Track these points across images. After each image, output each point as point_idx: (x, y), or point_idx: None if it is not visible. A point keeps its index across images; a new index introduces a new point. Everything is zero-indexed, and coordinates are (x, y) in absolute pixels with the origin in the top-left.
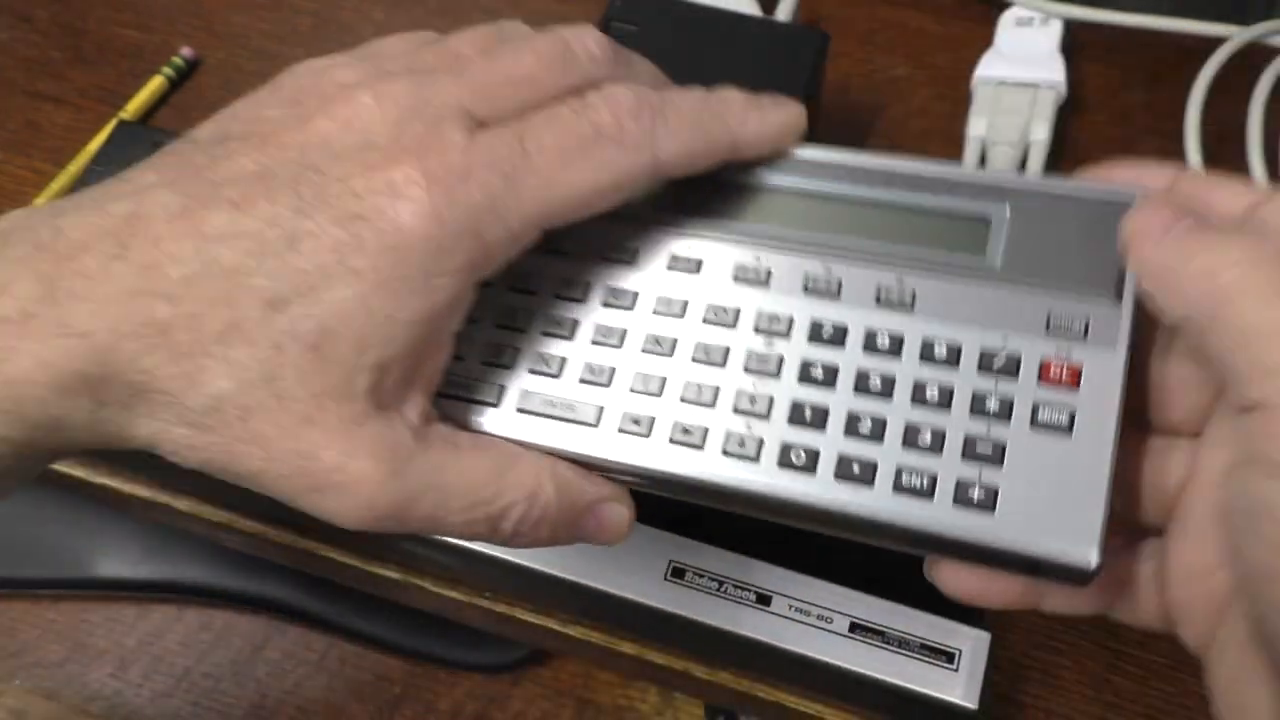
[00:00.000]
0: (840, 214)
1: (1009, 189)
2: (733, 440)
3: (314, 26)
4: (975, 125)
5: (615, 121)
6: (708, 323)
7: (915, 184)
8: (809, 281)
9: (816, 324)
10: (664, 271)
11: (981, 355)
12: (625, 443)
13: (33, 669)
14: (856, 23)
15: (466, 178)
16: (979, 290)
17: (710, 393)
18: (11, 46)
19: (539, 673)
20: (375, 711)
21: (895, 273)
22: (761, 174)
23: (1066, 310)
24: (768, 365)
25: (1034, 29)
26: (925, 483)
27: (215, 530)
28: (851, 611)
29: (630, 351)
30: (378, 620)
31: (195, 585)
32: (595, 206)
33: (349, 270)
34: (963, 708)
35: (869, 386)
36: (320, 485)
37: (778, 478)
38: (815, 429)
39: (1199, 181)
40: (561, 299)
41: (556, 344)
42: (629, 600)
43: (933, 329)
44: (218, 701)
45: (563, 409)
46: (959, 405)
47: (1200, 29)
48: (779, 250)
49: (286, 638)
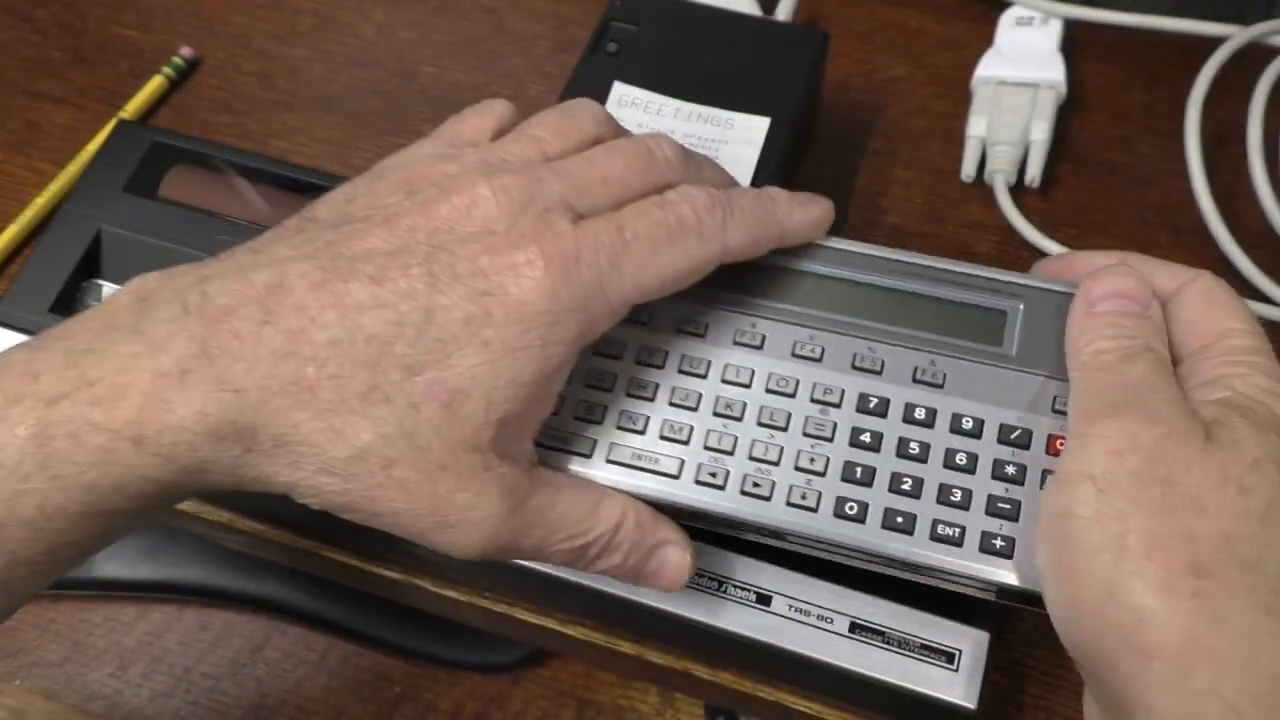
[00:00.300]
0: (881, 302)
1: (1022, 287)
2: (795, 493)
3: (314, 26)
4: (975, 125)
5: (695, 216)
6: (770, 392)
7: (943, 278)
8: (856, 360)
9: (864, 396)
10: (731, 345)
11: (1000, 429)
12: (702, 492)
13: (33, 669)
14: (856, 22)
15: (578, 260)
16: (998, 374)
17: (775, 452)
18: (11, 46)
19: (539, 673)
20: (375, 711)
21: (929, 356)
22: (813, 264)
23: (1068, 394)
24: (824, 430)
25: (1034, 29)
26: (957, 533)
27: (215, 530)
28: (851, 611)
29: (704, 414)
30: (378, 620)
31: (195, 585)
32: (677, 286)
33: (480, 340)
34: (962, 708)
35: (909, 452)
36: (453, 522)
37: (834, 525)
38: (865, 486)
39: (1143, 264)
40: (643, 364)
41: (640, 404)
42: (629, 600)
43: (960, 405)
44: (217, 701)
45: (648, 461)
46: (982, 469)
47: (1200, 29)
48: (830, 331)
49: (286, 638)
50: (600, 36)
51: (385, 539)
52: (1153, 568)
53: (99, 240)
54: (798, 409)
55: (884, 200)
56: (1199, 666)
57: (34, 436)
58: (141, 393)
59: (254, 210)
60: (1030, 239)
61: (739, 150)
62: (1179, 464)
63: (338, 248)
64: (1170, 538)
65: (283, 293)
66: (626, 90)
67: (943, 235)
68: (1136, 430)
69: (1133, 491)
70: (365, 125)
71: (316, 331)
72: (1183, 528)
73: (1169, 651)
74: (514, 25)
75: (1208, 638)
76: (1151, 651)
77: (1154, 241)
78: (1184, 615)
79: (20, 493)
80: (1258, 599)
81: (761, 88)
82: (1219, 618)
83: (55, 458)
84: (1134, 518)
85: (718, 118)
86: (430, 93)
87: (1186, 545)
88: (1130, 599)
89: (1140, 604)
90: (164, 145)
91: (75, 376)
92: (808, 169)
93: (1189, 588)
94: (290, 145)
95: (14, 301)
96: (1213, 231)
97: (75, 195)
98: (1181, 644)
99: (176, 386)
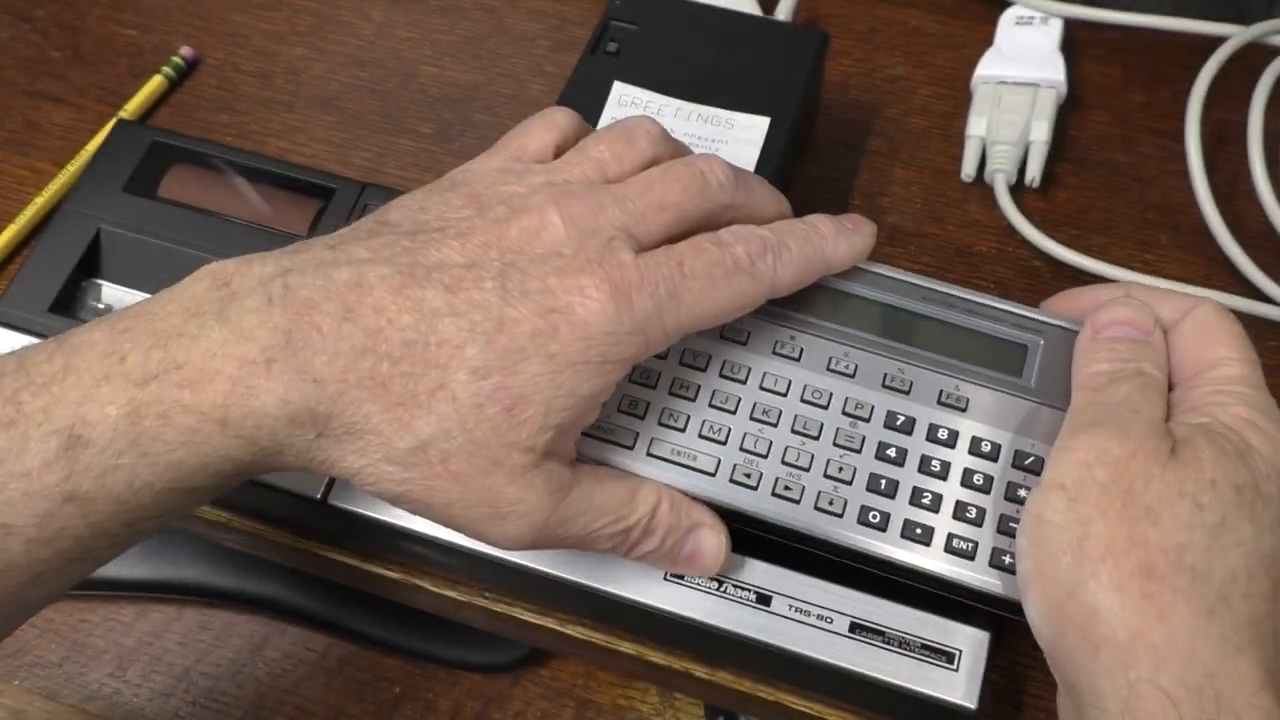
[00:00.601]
0: (914, 327)
1: (1044, 324)
2: (823, 499)
3: (314, 26)
4: (975, 125)
5: (748, 259)
6: (805, 402)
7: (972, 309)
8: (887, 379)
9: (892, 414)
10: (770, 355)
11: (1016, 454)
12: (736, 491)
13: (32, 669)
14: (856, 22)
15: (640, 290)
16: (1017, 403)
17: (807, 458)
18: (11, 46)
19: (539, 673)
20: (375, 711)
21: (955, 380)
22: (852, 285)
23: None
24: (853, 443)
25: (1034, 28)
26: (970, 547)
27: (215, 530)
28: (851, 611)
29: (742, 417)
30: (378, 620)
31: (195, 585)
32: (728, 319)
33: (546, 353)
34: (962, 707)
35: (930, 469)
36: (504, 514)
37: (858, 532)
38: (888, 497)
39: (1148, 295)
40: (686, 366)
41: (682, 403)
42: (629, 600)
43: (981, 429)
44: (217, 701)
45: (687, 458)
46: (997, 490)
47: (1200, 29)
48: (864, 350)
49: (286, 638)
50: (600, 36)
51: (386, 539)
52: (1107, 569)
53: (98, 240)
54: (830, 420)
55: (884, 200)
56: (1141, 658)
57: (126, 415)
58: (229, 378)
59: (253, 210)
60: (1030, 239)
61: (739, 150)
62: (1140, 478)
63: (415, 255)
64: (1125, 543)
65: (363, 292)
66: (626, 90)
67: (943, 235)
68: (1107, 445)
69: (1098, 500)
70: (365, 125)
71: (393, 332)
72: (1138, 535)
73: (1116, 643)
74: (514, 25)
75: (1151, 633)
76: (1101, 642)
77: (1154, 241)
78: (1132, 612)
79: (111, 468)
80: (1202, 603)
81: (761, 88)
82: (1163, 616)
83: (145, 436)
84: (1095, 524)
85: (718, 118)
86: (430, 92)
87: (1140, 550)
88: (1086, 596)
89: (1094, 600)
90: (164, 145)
91: (164, 359)
92: (808, 169)
93: (1139, 588)
94: (290, 145)
95: (13, 301)
96: (1213, 231)
97: (75, 195)
98: (1128, 637)
99: (262, 374)
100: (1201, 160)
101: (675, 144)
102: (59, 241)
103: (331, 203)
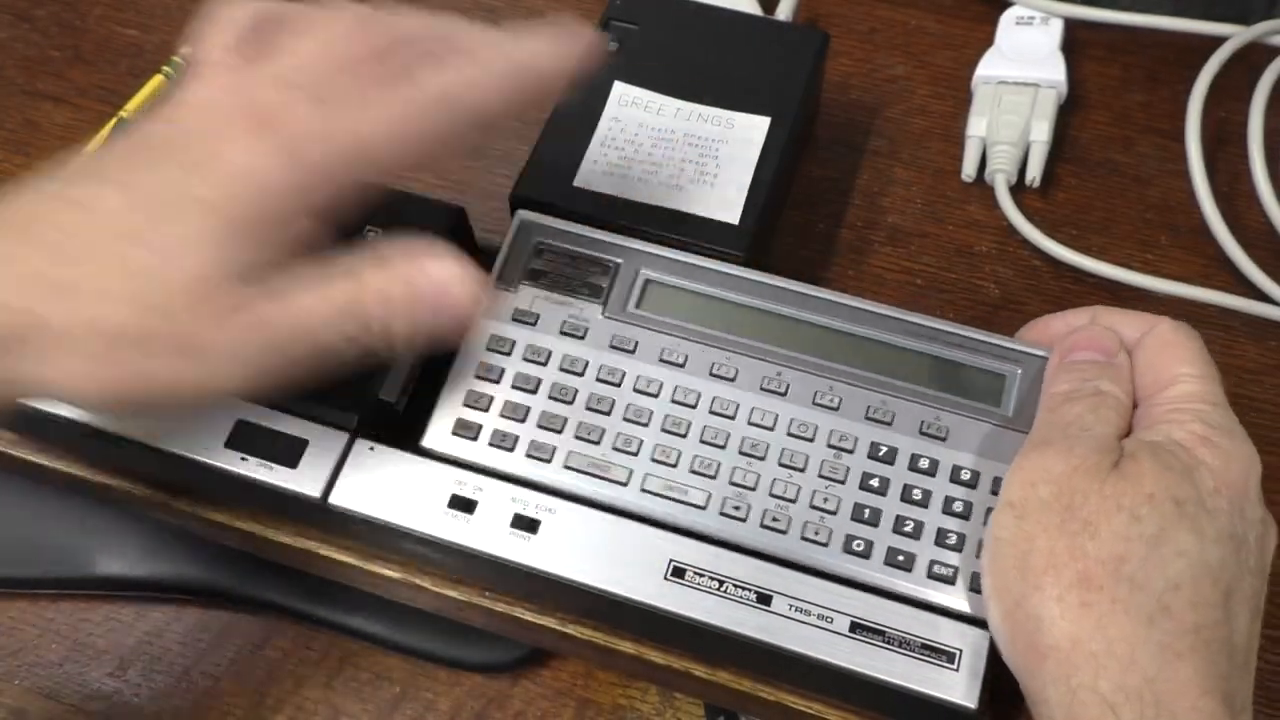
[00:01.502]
0: (895, 360)
1: (1021, 354)
2: (810, 529)
3: None
4: (975, 125)
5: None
6: (792, 435)
7: (952, 341)
8: (870, 411)
9: (875, 445)
10: (758, 391)
11: (994, 481)
12: (726, 523)
13: (33, 669)
14: (856, 22)
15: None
16: (996, 432)
17: (794, 490)
18: (11, 46)
19: (539, 673)
20: (375, 711)
21: (935, 411)
22: (834, 320)
23: None
24: (838, 474)
25: (1034, 28)
26: (950, 572)
27: (215, 530)
28: (852, 611)
29: (731, 452)
30: (378, 620)
31: (195, 585)
32: (408, 141)
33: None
34: (963, 707)
35: (912, 497)
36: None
37: (843, 560)
38: (872, 526)
39: (1109, 315)
40: (678, 404)
41: (674, 440)
42: (629, 600)
43: (960, 458)
44: (217, 701)
45: (678, 492)
46: (976, 516)
47: (1200, 29)
48: (847, 383)
49: (286, 638)
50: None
51: (386, 539)
52: (1049, 580)
53: None
54: (815, 452)
55: (884, 200)
56: (1081, 665)
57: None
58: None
59: None
60: (1030, 239)
61: (739, 150)
62: (1080, 493)
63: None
64: (1065, 555)
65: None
66: (627, 90)
67: (943, 235)
68: (1051, 462)
69: (1040, 516)
70: None
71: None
72: (1077, 547)
73: (1059, 652)
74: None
75: (1090, 641)
76: (1046, 651)
77: (1154, 241)
78: (1071, 621)
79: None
80: (1141, 611)
81: (761, 87)
82: (1102, 625)
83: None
84: (1039, 539)
85: (718, 117)
86: None
87: (1079, 563)
88: (1031, 607)
89: (1038, 611)
90: None
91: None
92: (808, 169)
93: (1078, 598)
94: None
95: None
96: (1213, 231)
97: None
98: (1069, 645)
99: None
100: (1201, 160)
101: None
102: None
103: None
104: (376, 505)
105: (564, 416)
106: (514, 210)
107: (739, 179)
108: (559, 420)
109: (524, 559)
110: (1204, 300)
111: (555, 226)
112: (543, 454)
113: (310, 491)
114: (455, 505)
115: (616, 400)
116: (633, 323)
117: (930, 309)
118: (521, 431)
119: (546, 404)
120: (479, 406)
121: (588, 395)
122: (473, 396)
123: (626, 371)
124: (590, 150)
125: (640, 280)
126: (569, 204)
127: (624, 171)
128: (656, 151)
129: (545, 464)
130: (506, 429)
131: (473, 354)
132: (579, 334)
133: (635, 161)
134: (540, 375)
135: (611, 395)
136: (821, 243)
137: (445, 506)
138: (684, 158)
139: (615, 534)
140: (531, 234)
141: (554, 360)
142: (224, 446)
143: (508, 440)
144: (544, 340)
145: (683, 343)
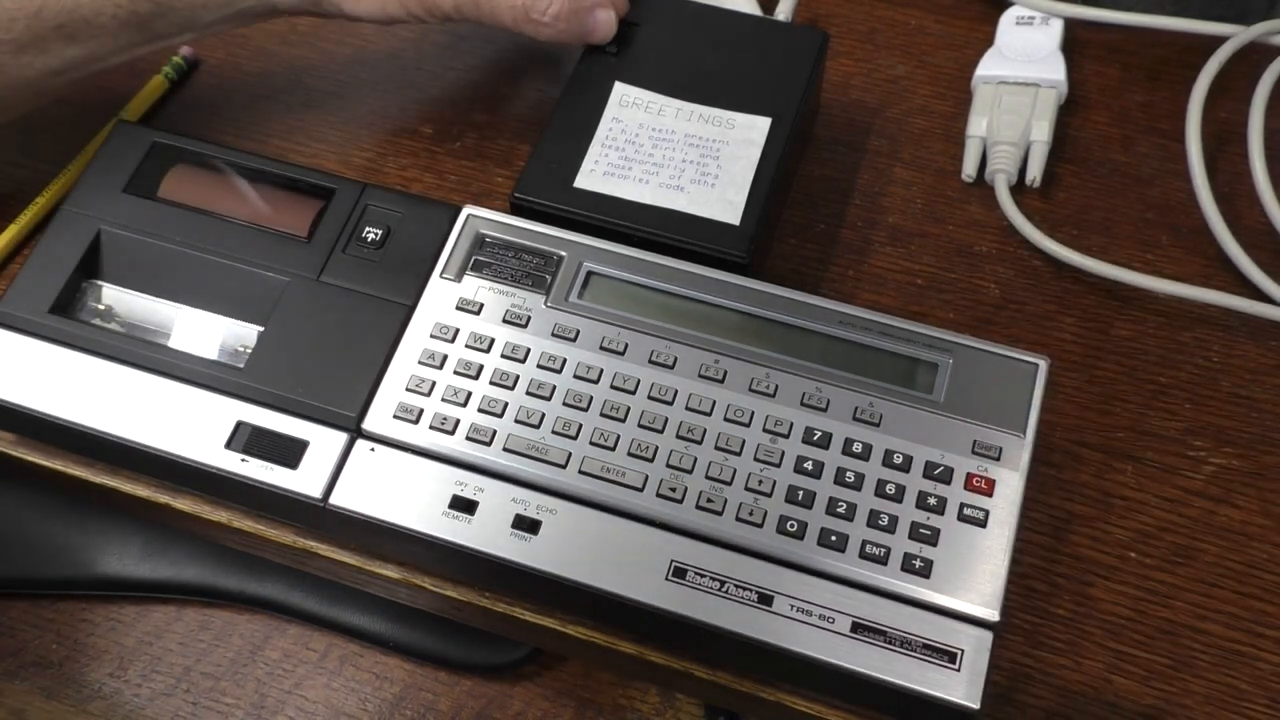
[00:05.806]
0: (830, 349)
1: (953, 344)
2: (744, 510)
3: (314, 26)
4: (975, 125)
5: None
6: (728, 420)
7: (886, 331)
8: (805, 398)
9: (810, 430)
10: (696, 378)
11: (927, 465)
12: (662, 505)
13: (33, 669)
14: (856, 22)
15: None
16: (928, 417)
17: (730, 472)
18: None
19: (539, 673)
20: (375, 711)
21: (869, 398)
22: (771, 312)
23: (987, 439)
24: (773, 457)
25: (1034, 28)
26: (883, 552)
27: (215, 530)
28: (853, 611)
29: (669, 436)
30: (378, 620)
31: (195, 585)
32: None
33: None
34: (964, 707)
35: (845, 480)
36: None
37: (776, 541)
38: (805, 507)
39: None
40: (617, 389)
41: (612, 424)
42: (629, 600)
43: (894, 443)
44: (217, 701)
45: (616, 474)
46: (909, 499)
47: (1200, 29)
48: (784, 371)
49: (286, 638)
50: None
51: (386, 539)
52: None
53: (99, 241)
54: (751, 437)
55: (884, 200)
56: None
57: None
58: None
59: (254, 210)
60: (1031, 239)
61: (740, 150)
62: None
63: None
64: None
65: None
66: (627, 90)
67: (943, 235)
68: None
69: None
70: (365, 125)
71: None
72: None
73: None
74: None
75: None
76: None
77: (1154, 241)
78: None
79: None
80: None
81: (762, 88)
82: None
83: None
84: None
85: (719, 118)
86: (430, 92)
87: None
88: None
89: None
90: (164, 146)
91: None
92: (808, 169)
93: None
94: (290, 145)
95: (13, 302)
96: (1213, 231)
97: (75, 195)
98: None
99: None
100: (1202, 160)
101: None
102: (59, 242)
103: (332, 203)
104: (377, 506)
105: (505, 401)
106: (514, 210)
107: (740, 179)
108: (499, 405)
109: (525, 559)
110: (1204, 300)
111: (501, 220)
112: (483, 436)
113: (311, 492)
114: (456, 506)
115: (557, 386)
116: (575, 312)
117: (930, 309)
118: (463, 415)
119: (488, 389)
120: (420, 391)
121: (529, 381)
122: (415, 381)
123: (567, 359)
124: (591, 151)
125: (583, 272)
126: (569, 204)
127: (624, 172)
128: (657, 152)
129: (485, 446)
130: (447, 413)
131: (416, 341)
132: (521, 322)
133: (636, 162)
134: (482, 361)
135: (552, 381)
136: (822, 243)
137: (446, 507)
138: (685, 158)
139: (616, 534)
140: (476, 228)
141: (496, 347)
142: (224, 448)
143: (448, 423)
144: (487, 328)
145: (623, 331)
